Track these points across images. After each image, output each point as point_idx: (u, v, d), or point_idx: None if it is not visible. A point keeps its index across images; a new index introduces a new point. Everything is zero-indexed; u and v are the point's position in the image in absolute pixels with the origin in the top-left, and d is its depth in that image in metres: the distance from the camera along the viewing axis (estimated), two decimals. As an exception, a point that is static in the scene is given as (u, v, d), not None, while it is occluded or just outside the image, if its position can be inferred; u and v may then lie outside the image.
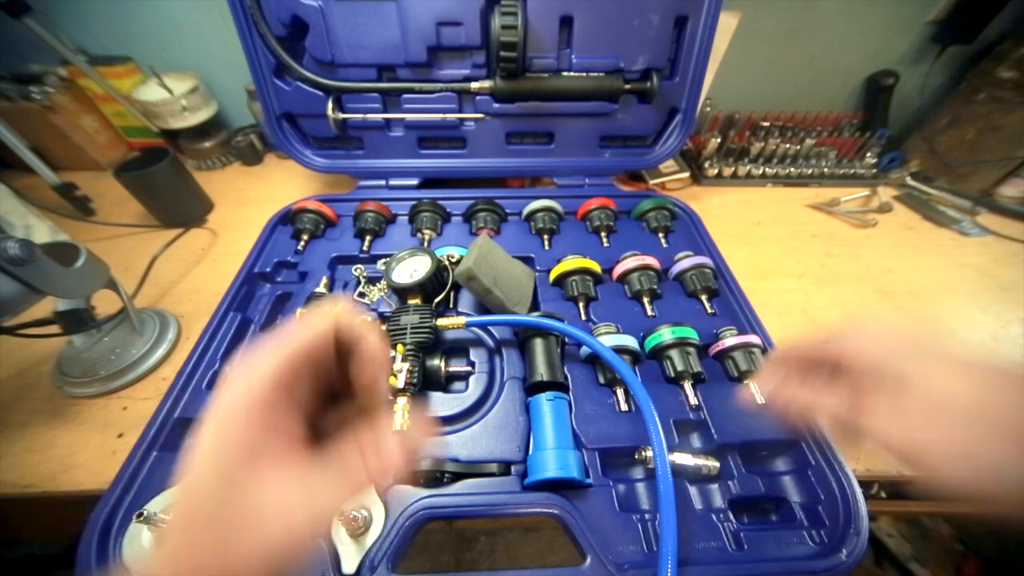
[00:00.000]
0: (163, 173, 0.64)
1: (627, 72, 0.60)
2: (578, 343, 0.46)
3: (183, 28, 0.76)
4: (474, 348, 0.48)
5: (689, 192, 0.78)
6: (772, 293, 0.59)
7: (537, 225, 0.62)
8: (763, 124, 0.80)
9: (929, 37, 0.79)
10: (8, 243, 0.37)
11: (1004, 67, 0.69)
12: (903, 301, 0.59)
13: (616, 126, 0.67)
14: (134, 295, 0.55)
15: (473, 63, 0.60)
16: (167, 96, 0.72)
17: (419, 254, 0.50)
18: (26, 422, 0.45)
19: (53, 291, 0.41)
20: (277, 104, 0.63)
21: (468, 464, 0.39)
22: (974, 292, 0.61)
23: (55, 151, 0.77)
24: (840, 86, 0.86)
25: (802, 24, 0.77)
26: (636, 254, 0.55)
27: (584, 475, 0.37)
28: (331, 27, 0.56)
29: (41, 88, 0.71)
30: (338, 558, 0.34)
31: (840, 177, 0.78)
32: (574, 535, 0.35)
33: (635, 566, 0.34)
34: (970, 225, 0.70)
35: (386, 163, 0.69)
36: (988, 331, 0.55)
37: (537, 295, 0.54)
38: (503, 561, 0.97)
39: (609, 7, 0.56)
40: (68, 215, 0.67)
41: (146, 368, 0.49)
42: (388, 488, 0.36)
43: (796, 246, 0.67)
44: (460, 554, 0.98)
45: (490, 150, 0.68)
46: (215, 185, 0.75)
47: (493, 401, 0.44)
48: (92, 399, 0.47)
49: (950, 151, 0.76)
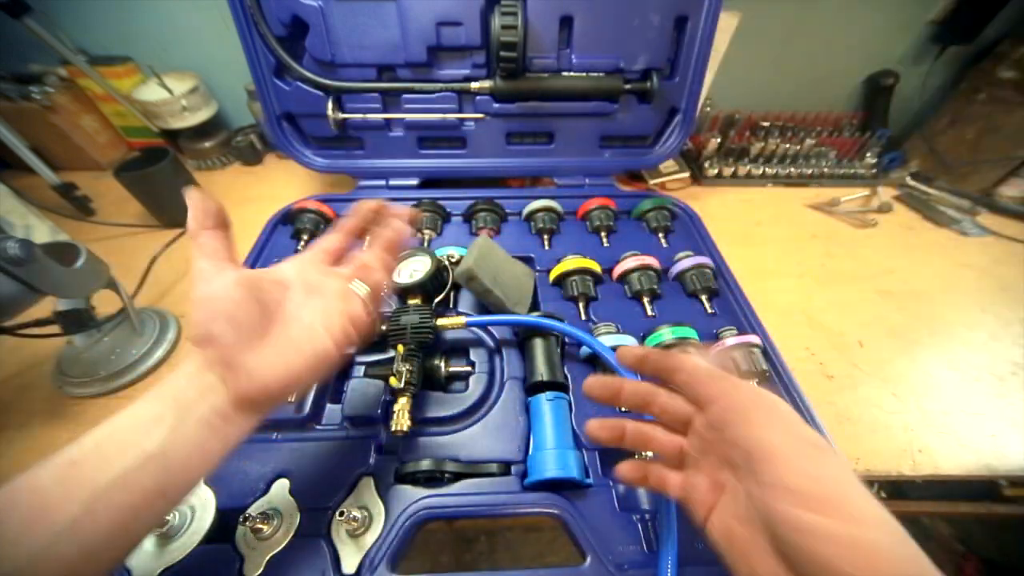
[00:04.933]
0: (163, 173, 0.64)
1: (627, 72, 0.60)
2: (578, 343, 0.46)
3: (183, 28, 0.76)
4: (474, 348, 0.48)
5: (689, 192, 0.78)
6: (772, 293, 0.59)
7: (537, 225, 0.62)
8: (763, 124, 0.80)
9: (929, 37, 0.79)
10: (8, 243, 0.37)
11: (1004, 67, 0.69)
12: (903, 301, 0.59)
13: (616, 126, 0.67)
14: (134, 295, 0.55)
15: (473, 63, 0.60)
16: (167, 96, 0.72)
17: (419, 254, 0.50)
18: (26, 422, 0.45)
19: (53, 291, 0.41)
20: (277, 104, 0.63)
21: (468, 464, 0.39)
22: (974, 292, 0.61)
23: (55, 151, 0.77)
24: (840, 86, 0.86)
25: (802, 24, 0.77)
26: (636, 254, 0.55)
27: (584, 475, 0.37)
28: (331, 27, 0.56)
29: (41, 88, 0.71)
30: (338, 558, 0.34)
31: (840, 177, 0.78)
32: (574, 535, 0.35)
33: (635, 566, 0.34)
34: (970, 225, 0.70)
35: (386, 163, 0.69)
36: (988, 331, 0.55)
37: (537, 295, 0.54)
38: (503, 561, 0.97)
39: (609, 7, 0.56)
40: (68, 215, 0.67)
41: (146, 368, 0.49)
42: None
43: (796, 246, 0.67)
44: (460, 554, 0.98)
45: (490, 150, 0.68)
46: (215, 185, 0.75)
47: (493, 401, 0.44)
48: (92, 399, 0.47)
49: (950, 151, 0.76)
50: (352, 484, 0.37)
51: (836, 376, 0.50)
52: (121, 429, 0.22)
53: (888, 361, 0.52)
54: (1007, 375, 0.51)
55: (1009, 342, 0.54)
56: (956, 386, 0.50)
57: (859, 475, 0.42)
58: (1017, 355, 0.53)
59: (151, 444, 0.21)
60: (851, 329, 0.55)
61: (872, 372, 0.51)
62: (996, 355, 0.53)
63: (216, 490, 0.36)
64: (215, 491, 0.36)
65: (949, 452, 0.44)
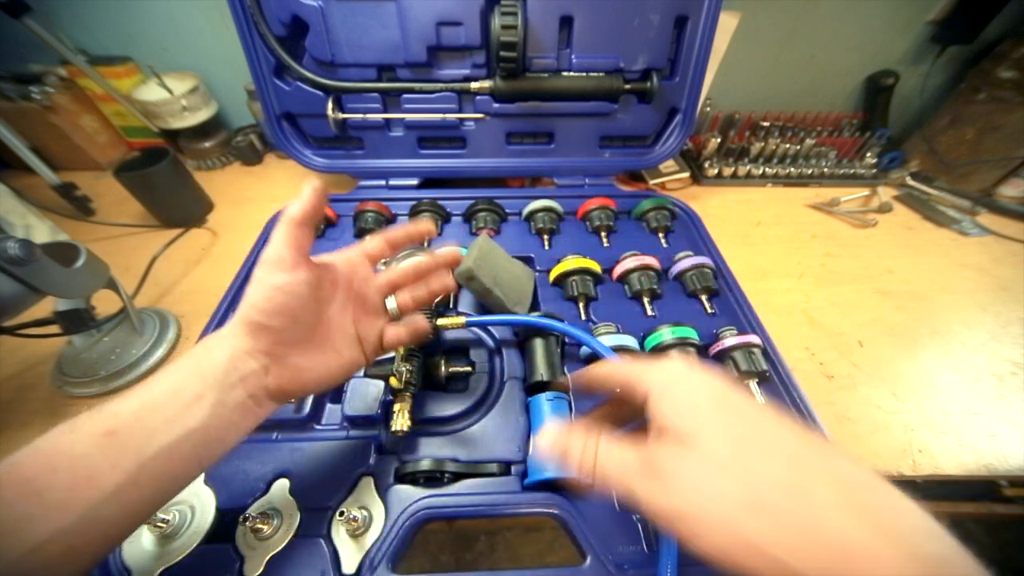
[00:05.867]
0: (163, 173, 0.64)
1: (627, 72, 0.60)
2: (578, 343, 0.46)
3: (183, 28, 0.76)
4: (474, 348, 0.48)
5: (689, 192, 0.78)
6: (772, 293, 0.59)
7: (537, 225, 0.62)
8: (763, 124, 0.80)
9: (929, 37, 0.79)
10: (8, 243, 0.37)
11: (1004, 67, 0.69)
12: (903, 301, 0.59)
13: (616, 126, 0.67)
14: (134, 295, 0.55)
15: (473, 63, 0.60)
16: (167, 96, 0.72)
17: (419, 254, 0.50)
18: (26, 422, 0.45)
19: (53, 291, 0.41)
20: (277, 104, 0.63)
21: (468, 464, 0.39)
22: (974, 292, 0.61)
23: (55, 151, 0.77)
24: (840, 86, 0.86)
25: (802, 24, 0.77)
26: (636, 254, 0.55)
27: (584, 475, 0.37)
28: (331, 27, 0.56)
29: (41, 88, 0.71)
30: (338, 558, 0.34)
31: (840, 177, 0.78)
32: (574, 535, 0.35)
33: (635, 566, 0.34)
34: (970, 225, 0.70)
35: (386, 163, 0.69)
36: (988, 331, 0.55)
37: (537, 295, 0.54)
38: (503, 561, 0.97)
39: (609, 7, 0.56)
40: (68, 215, 0.67)
41: (146, 368, 0.49)
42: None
43: (796, 246, 0.67)
44: (460, 554, 0.98)
45: (490, 150, 0.68)
46: (215, 185, 0.75)
47: (493, 401, 0.44)
48: (92, 399, 0.47)
49: (950, 151, 0.76)
50: (352, 484, 0.37)
51: (836, 376, 0.50)
52: (162, 402, 0.23)
53: (888, 361, 0.52)
54: (1007, 375, 0.51)
55: (1009, 342, 0.54)
56: (956, 386, 0.50)
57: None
58: (1017, 355, 0.53)
59: (193, 421, 0.23)
60: (851, 329, 0.55)
61: (872, 372, 0.51)
62: (996, 355, 0.53)
63: (216, 490, 0.36)
64: (215, 491, 0.36)
65: (949, 452, 0.44)
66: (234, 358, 0.24)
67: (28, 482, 0.19)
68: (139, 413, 0.22)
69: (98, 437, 0.21)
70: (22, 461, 0.20)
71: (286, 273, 0.25)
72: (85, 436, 0.21)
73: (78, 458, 0.20)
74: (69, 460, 0.20)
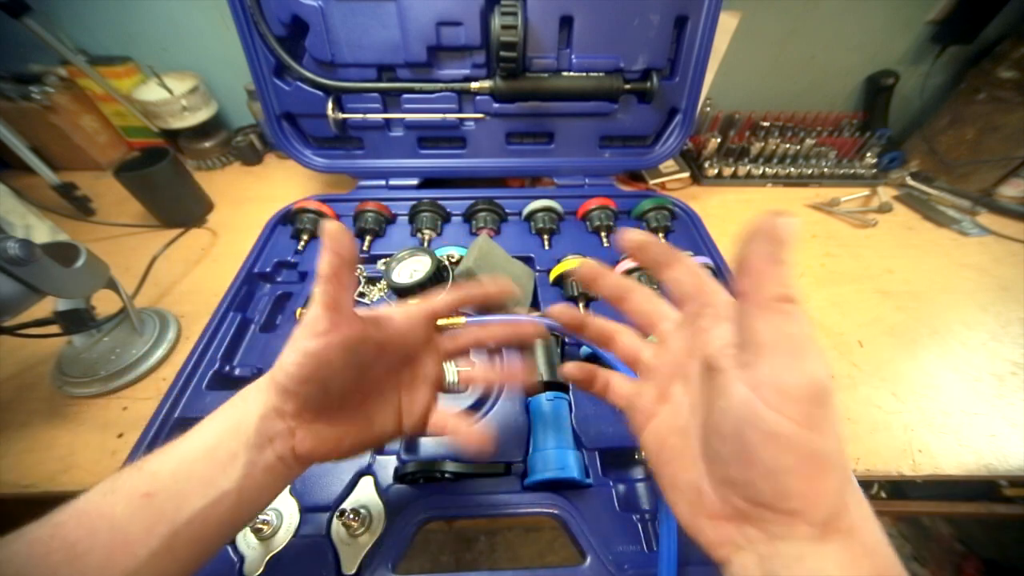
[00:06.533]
0: (163, 173, 0.64)
1: (627, 72, 0.60)
2: (578, 343, 0.46)
3: (183, 28, 0.76)
4: (474, 348, 0.47)
5: (689, 192, 0.78)
6: (772, 293, 0.59)
7: (537, 225, 0.62)
8: (763, 124, 0.80)
9: (929, 37, 0.79)
10: (8, 243, 0.37)
11: (1004, 67, 0.69)
12: (903, 301, 0.59)
13: (616, 126, 0.67)
14: (134, 295, 0.55)
15: (473, 63, 0.60)
16: (167, 96, 0.72)
17: (419, 254, 0.50)
18: (26, 422, 0.45)
19: (53, 291, 0.41)
20: (277, 104, 0.63)
21: (468, 464, 0.39)
22: (974, 292, 0.61)
23: (55, 151, 0.77)
24: (840, 86, 0.86)
25: (802, 24, 0.77)
26: (636, 254, 0.55)
27: (584, 475, 0.37)
28: (331, 27, 0.56)
29: (41, 88, 0.71)
30: (338, 558, 0.34)
31: (840, 177, 0.78)
32: (574, 535, 0.35)
33: (635, 566, 0.34)
34: (970, 225, 0.70)
35: (386, 163, 0.69)
36: (988, 331, 0.55)
37: (537, 295, 0.54)
38: (503, 561, 0.97)
39: (609, 7, 0.56)
40: (68, 215, 0.68)
41: (146, 368, 0.49)
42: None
43: (796, 246, 0.67)
44: (460, 554, 0.98)
45: (490, 150, 0.68)
46: (215, 185, 0.75)
47: (493, 401, 0.44)
48: (92, 399, 0.47)
49: (950, 151, 0.76)
50: (352, 484, 0.37)
51: (836, 376, 0.50)
52: (198, 462, 0.22)
53: (888, 361, 0.52)
54: (1007, 375, 0.51)
55: (1009, 342, 0.54)
56: (956, 386, 0.50)
57: (859, 475, 0.42)
58: (1017, 355, 0.53)
59: (228, 483, 0.22)
60: (851, 329, 0.55)
61: (872, 372, 0.51)
62: (996, 355, 0.53)
63: (216, 490, 0.36)
64: (215, 491, 0.36)
65: (949, 452, 0.44)
66: (264, 416, 0.23)
67: (71, 546, 0.19)
68: (176, 473, 0.22)
69: (136, 499, 0.21)
70: (65, 522, 0.20)
71: (320, 338, 0.23)
72: (125, 497, 0.21)
73: (117, 523, 0.20)
74: (110, 522, 0.20)
